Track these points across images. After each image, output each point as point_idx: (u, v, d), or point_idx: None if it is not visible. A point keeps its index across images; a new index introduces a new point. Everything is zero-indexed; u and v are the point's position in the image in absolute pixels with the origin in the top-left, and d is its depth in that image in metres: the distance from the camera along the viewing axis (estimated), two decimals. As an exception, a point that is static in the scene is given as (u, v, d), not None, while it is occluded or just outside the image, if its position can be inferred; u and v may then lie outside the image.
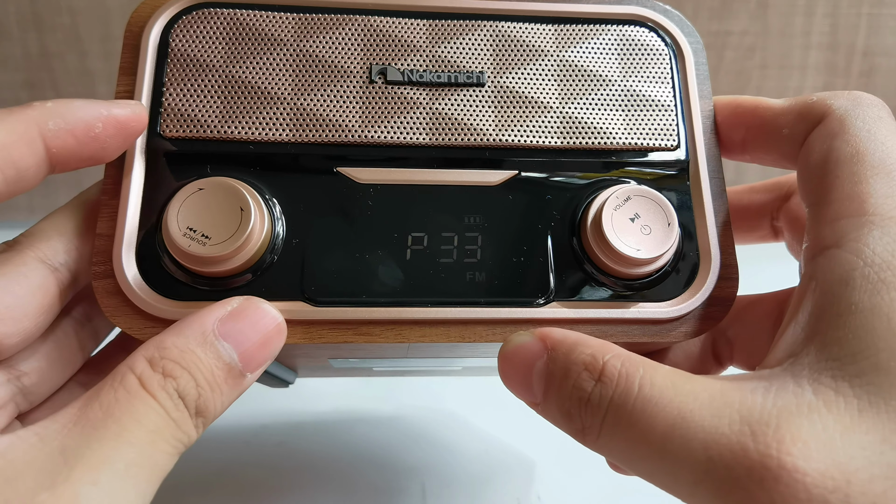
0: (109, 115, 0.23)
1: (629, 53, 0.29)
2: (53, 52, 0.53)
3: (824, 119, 0.24)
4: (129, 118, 0.24)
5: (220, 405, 0.22)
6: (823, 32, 0.57)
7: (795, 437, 0.18)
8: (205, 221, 0.23)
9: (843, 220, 0.22)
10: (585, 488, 0.40)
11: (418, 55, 0.27)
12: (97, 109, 0.23)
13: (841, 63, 0.58)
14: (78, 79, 0.54)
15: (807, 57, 0.58)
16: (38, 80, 0.54)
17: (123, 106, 0.24)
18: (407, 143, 0.26)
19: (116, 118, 0.24)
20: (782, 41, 0.57)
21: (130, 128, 0.24)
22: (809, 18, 0.57)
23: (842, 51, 0.58)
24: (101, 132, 0.23)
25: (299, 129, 0.26)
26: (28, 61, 0.53)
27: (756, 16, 0.56)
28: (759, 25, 0.57)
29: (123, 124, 0.24)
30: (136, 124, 0.24)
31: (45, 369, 0.25)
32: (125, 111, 0.24)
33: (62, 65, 0.54)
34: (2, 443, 0.18)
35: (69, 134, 0.22)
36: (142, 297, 0.24)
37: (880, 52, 0.58)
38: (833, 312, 0.20)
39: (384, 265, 0.25)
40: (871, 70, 0.59)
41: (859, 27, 0.57)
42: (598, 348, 0.22)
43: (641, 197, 0.26)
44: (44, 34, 0.52)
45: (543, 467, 0.41)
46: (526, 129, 0.27)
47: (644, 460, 0.20)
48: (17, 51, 0.53)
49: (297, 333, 0.25)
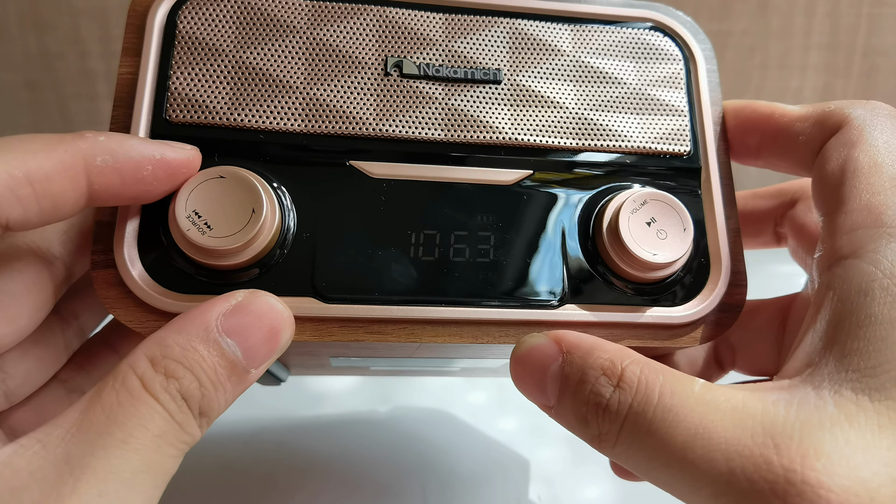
0: (161, 159, 0.22)
1: (644, 56, 0.28)
2: (53, 52, 0.53)
3: (842, 128, 0.24)
4: (182, 164, 0.23)
5: (223, 403, 0.21)
6: (823, 32, 0.57)
7: (819, 451, 0.18)
8: (212, 210, 0.23)
9: (861, 230, 0.21)
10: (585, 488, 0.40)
11: (434, 49, 0.27)
12: (150, 151, 0.22)
13: (841, 63, 0.58)
14: (78, 79, 0.54)
15: (807, 57, 0.58)
16: (38, 80, 0.54)
17: (178, 150, 0.23)
18: (421, 138, 0.26)
19: (168, 162, 0.22)
20: (782, 41, 0.57)
21: (181, 174, 0.23)
22: (809, 18, 0.57)
23: (842, 51, 0.58)
24: (148, 174, 0.22)
25: (312, 119, 0.25)
26: (28, 61, 0.53)
27: (756, 16, 0.57)
28: (759, 25, 0.57)
29: (175, 169, 0.22)
30: (186, 170, 0.23)
31: (30, 369, 0.25)
32: (178, 155, 0.22)
33: (62, 65, 0.54)
34: (4, 452, 0.18)
35: (115, 173, 0.21)
36: (144, 289, 0.23)
37: (880, 52, 0.58)
38: (852, 322, 0.20)
39: (396, 262, 0.25)
40: (871, 70, 0.59)
41: (859, 27, 0.57)
42: (615, 353, 0.22)
43: (658, 201, 0.25)
44: (44, 34, 0.52)
45: (543, 467, 0.41)
46: (541, 129, 0.27)
47: (662, 470, 0.20)
48: (17, 51, 0.53)
49: (307, 330, 0.24)
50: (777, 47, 0.58)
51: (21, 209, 0.20)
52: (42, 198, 0.20)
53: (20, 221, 0.20)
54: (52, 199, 0.20)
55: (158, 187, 0.22)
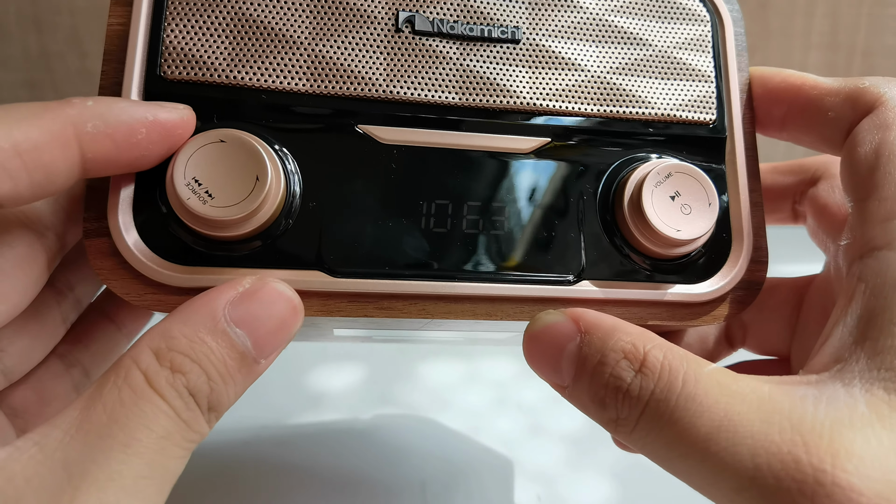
0: (155, 120, 0.21)
1: (670, 16, 0.27)
2: (53, 52, 0.53)
3: (876, 108, 0.23)
4: (176, 124, 0.21)
5: (233, 396, 0.20)
6: (823, 32, 0.57)
7: (850, 452, 0.17)
8: (213, 177, 0.21)
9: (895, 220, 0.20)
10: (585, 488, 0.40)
11: (449, 1, 0.25)
12: (142, 113, 0.21)
13: (841, 63, 0.58)
14: (78, 79, 0.54)
15: (807, 57, 0.58)
16: (38, 80, 0.54)
17: (170, 110, 0.21)
18: (434, 101, 0.24)
19: (162, 124, 0.21)
20: (782, 41, 0.57)
21: (176, 135, 0.21)
22: (809, 18, 0.57)
23: (842, 51, 0.58)
24: (143, 138, 0.20)
25: (317, 78, 0.24)
26: (28, 61, 0.53)
27: (756, 16, 0.57)
28: (759, 25, 0.57)
29: (169, 131, 0.21)
30: (182, 131, 0.22)
31: (27, 346, 0.24)
32: (172, 116, 0.21)
33: (62, 65, 0.54)
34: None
35: (108, 138, 0.20)
36: (141, 260, 0.22)
37: (880, 52, 0.58)
38: (886, 319, 0.19)
39: (407, 235, 0.24)
40: (871, 70, 0.59)
41: (859, 27, 0.57)
42: (637, 336, 0.21)
43: (683, 174, 0.24)
44: (44, 34, 0.53)
45: (544, 468, 0.41)
46: (561, 93, 0.25)
47: (682, 460, 0.19)
48: (17, 51, 0.53)
49: (314, 306, 0.23)
50: (777, 47, 0.58)
51: (11, 183, 0.18)
52: (32, 170, 0.19)
53: (11, 196, 0.19)
54: (43, 171, 0.19)
55: (155, 151, 0.21)
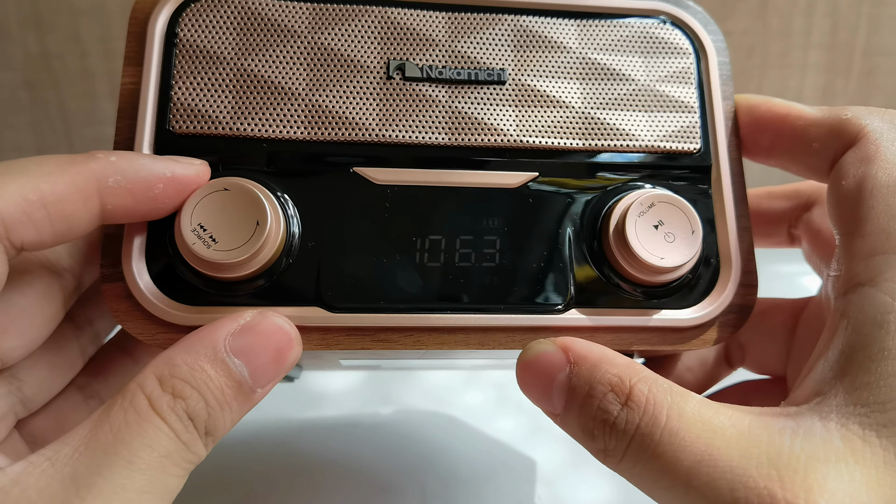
0: (172, 176, 0.22)
1: (652, 50, 0.28)
2: (53, 52, 0.53)
3: (858, 141, 0.23)
4: (192, 180, 0.23)
5: (229, 423, 0.21)
6: (823, 32, 0.57)
7: (823, 487, 0.18)
8: (217, 223, 0.23)
9: (878, 256, 0.21)
10: (585, 489, 0.40)
11: (437, 50, 0.26)
12: (160, 169, 0.22)
13: (841, 63, 0.58)
14: (78, 79, 0.54)
15: (807, 57, 0.58)
16: (38, 80, 0.54)
17: (188, 166, 0.23)
18: (425, 142, 0.26)
19: (179, 179, 0.22)
20: (782, 41, 0.57)
21: (191, 189, 0.23)
22: (809, 18, 0.57)
23: (842, 51, 0.58)
24: (159, 192, 0.22)
25: (314, 126, 0.25)
26: (28, 61, 0.53)
27: (756, 16, 0.56)
28: (759, 25, 0.57)
29: (185, 186, 0.23)
30: (196, 186, 0.23)
31: (46, 377, 0.25)
32: (188, 172, 0.23)
33: (62, 65, 0.54)
34: (14, 470, 0.18)
35: (127, 192, 0.21)
36: (153, 302, 0.23)
37: (880, 52, 0.58)
38: (864, 355, 0.20)
39: (401, 270, 0.25)
40: (871, 70, 0.59)
41: (859, 27, 0.57)
42: (624, 368, 0.21)
43: (666, 203, 0.25)
44: (44, 34, 0.52)
45: (544, 468, 0.41)
46: (547, 130, 0.26)
47: (666, 491, 0.20)
48: (17, 51, 0.53)
49: (314, 340, 0.24)
50: (777, 47, 0.58)
51: (35, 232, 0.20)
52: (56, 220, 0.20)
53: (34, 243, 0.20)
54: (65, 221, 0.20)
55: (169, 204, 0.23)
